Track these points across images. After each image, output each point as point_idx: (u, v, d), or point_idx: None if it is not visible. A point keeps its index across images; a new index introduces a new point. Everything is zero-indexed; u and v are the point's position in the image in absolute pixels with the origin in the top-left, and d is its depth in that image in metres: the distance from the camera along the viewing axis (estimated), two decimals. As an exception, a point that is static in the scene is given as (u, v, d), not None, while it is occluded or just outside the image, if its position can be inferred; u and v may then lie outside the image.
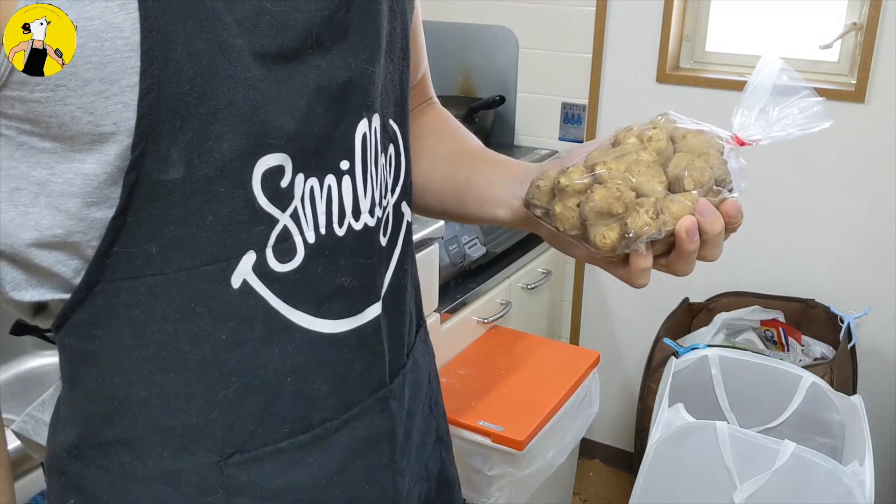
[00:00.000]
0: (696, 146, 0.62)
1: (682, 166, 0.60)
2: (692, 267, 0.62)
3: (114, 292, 0.54)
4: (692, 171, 0.60)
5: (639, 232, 0.58)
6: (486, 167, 0.75)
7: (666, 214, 0.58)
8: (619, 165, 0.60)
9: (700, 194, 0.60)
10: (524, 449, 1.59)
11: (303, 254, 0.59)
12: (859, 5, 1.91)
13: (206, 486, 0.60)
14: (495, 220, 0.73)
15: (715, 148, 0.62)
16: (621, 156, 0.60)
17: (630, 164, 0.60)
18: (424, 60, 0.84)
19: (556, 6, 2.17)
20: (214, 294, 0.55)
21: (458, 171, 0.75)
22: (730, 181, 0.63)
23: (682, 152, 0.62)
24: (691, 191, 0.59)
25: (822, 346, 1.98)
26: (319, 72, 0.57)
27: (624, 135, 0.63)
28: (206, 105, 0.51)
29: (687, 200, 0.59)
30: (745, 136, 0.64)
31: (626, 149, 0.61)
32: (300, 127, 0.56)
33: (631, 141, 0.62)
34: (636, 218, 0.58)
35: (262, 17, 0.53)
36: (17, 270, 0.55)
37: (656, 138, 0.61)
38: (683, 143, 0.62)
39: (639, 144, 0.61)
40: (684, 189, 0.60)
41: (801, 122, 0.62)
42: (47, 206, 0.52)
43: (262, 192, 0.55)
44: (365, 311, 0.64)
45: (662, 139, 0.62)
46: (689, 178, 0.60)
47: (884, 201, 1.92)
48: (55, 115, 0.49)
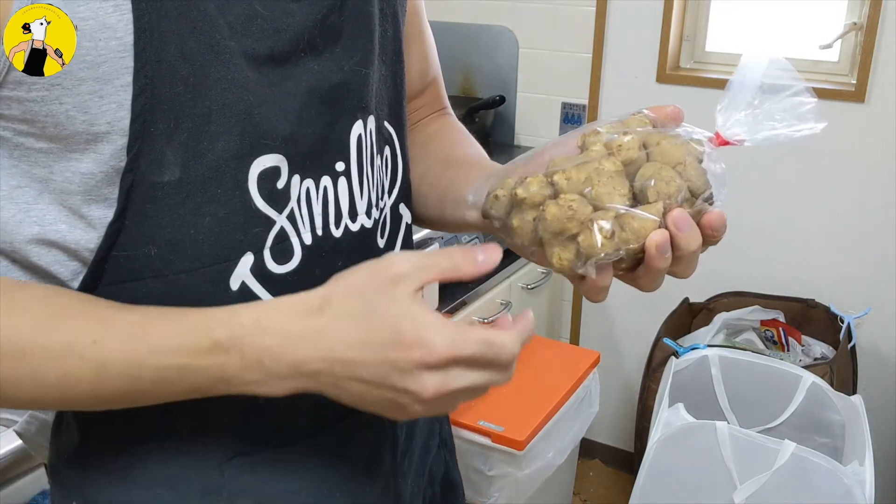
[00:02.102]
0: (670, 154, 0.55)
1: (648, 176, 0.54)
2: (660, 284, 0.56)
3: (114, 295, 0.54)
4: (658, 181, 0.54)
5: (590, 253, 0.53)
6: (469, 170, 0.71)
7: (627, 232, 0.53)
8: (579, 175, 0.54)
9: (670, 207, 0.54)
10: (524, 449, 1.59)
11: (300, 255, 0.59)
12: (859, 5, 1.91)
13: (207, 490, 0.60)
14: (466, 223, 0.70)
15: (692, 155, 0.56)
16: (583, 164, 0.55)
17: (591, 173, 0.54)
18: (435, 64, 0.82)
19: (556, 6, 2.17)
20: (213, 296, 0.55)
21: (444, 175, 0.73)
22: (709, 191, 0.56)
23: (652, 161, 0.55)
24: (656, 203, 0.53)
25: (822, 346, 1.98)
26: (312, 74, 0.57)
27: (591, 138, 0.57)
28: (200, 106, 0.52)
29: (651, 215, 0.53)
30: (728, 135, 0.58)
31: (590, 156, 0.55)
32: (294, 128, 0.56)
33: (596, 148, 0.56)
34: (588, 238, 0.52)
35: (254, 21, 0.54)
36: (17, 271, 0.55)
37: (626, 147, 0.55)
38: (657, 150, 0.56)
39: (604, 152, 0.55)
40: (649, 202, 0.54)
41: (791, 122, 0.57)
42: (52, 203, 0.53)
43: (258, 194, 0.55)
44: None
45: (633, 147, 0.55)
46: (654, 189, 0.53)
47: (884, 201, 1.92)
48: (51, 115, 0.49)
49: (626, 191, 0.54)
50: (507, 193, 0.58)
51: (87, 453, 0.60)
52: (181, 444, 0.59)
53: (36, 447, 0.67)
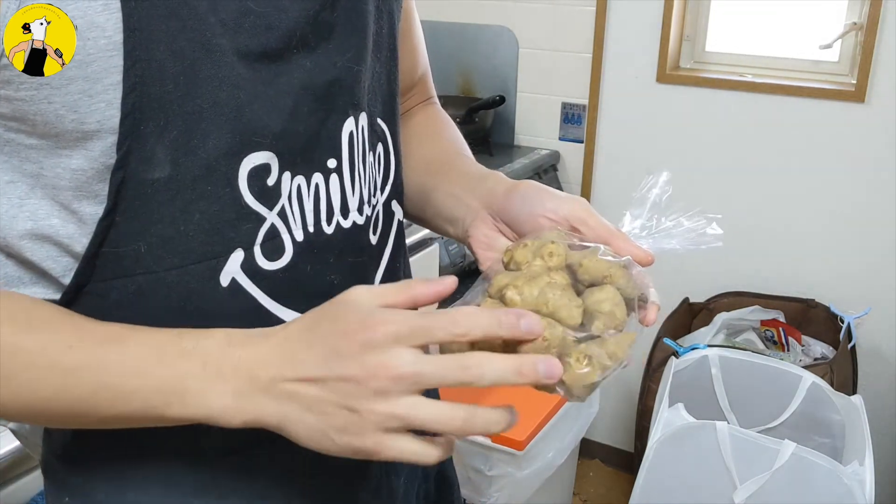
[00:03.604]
0: (595, 271, 0.57)
1: (594, 301, 0.55)
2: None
3: (104, 292, 0.54)
4: (602, 318, 0.54)
5: (579, 382, 0.51)
6: (446, 180, 0.73)
7: (606, 358, 0.52)
8: (531, 290, 0.53)
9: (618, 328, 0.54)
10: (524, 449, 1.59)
11: (291, 252, 0.59)
12: (859, 5, 1.91)
13: (199, 487, 0.60)
14: (447, 234, 0.73)
15: (617, 266, 0.57)
16: (531, 278, 0.54)
17: (543, 287, 0.54)
18: (424, 59, 0.84)
19: (556, 6, 2.17)
20: (204, 292, 0.56)
21: (427, 181, 0.75)
22: (641, 292, 0.58)
23: (587, 290, 0.56)
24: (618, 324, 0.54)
25: (822, 346, 1.98)
26: (305, 71, 0.57)
27: (519, 251, 0.58)
28: (191, 104, 0.52)
29: (623, 338, 0.54)
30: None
31: (532, 269, 0.56)
32: (286, 125, 0.56)
33: (537, 263, 0.56)
34: (569, 370, 0.50)
35: (246, 18, 0.54)
36: (9, 266, 0.55)
37: (557, 253, 0.56)
38: (582, 272, 0.57)
39: (545, 265, 0.56)
40: (596, 325, 0.54)
41: (692, 238, 0.60)
42: (44, 198, 0.53)
43: (248, 191, 0.55)
44: None
45: (562, 253, 0.56)
46: (602, 325, 0.54)
47: (884, 201, 1.92)
48: (40, 114, 0.49)
49: (580, 303, 0.54)
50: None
51: (79, 450, 0.60)
52: (173, 442, 0.59)
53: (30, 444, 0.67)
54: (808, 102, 1.95)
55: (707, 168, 2.07)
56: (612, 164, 2.22)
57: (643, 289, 0.58)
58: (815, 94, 1.94)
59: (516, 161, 2.15)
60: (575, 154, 2.26)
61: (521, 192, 0.65)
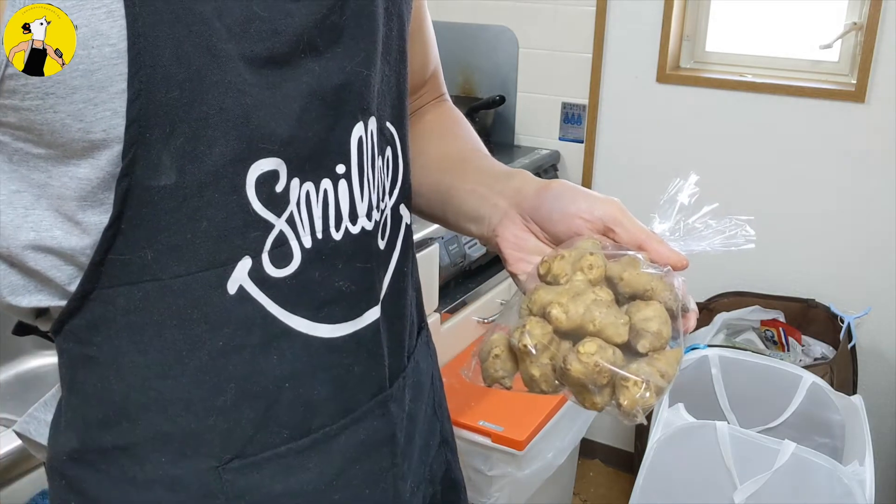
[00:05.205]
0: (636, 284, 0.56)
1: (640, 326, 0.54)
2: None
3: (111, 299, 0.54)
4: (649, 337, 0.54)
5: (638, 406, 0.52)
6: (466, 178, 0.72)
7: (659, 378, 0.52)
8: (576, 307, 0.52)
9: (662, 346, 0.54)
10: (524, 449, 1.59)
11: (299, 259, 0.58)
12: (859, 5, 1.91)
13: (205, 492, 0.60)
14: (469, 233, 0.71)
15: (658, 279, 0.56)
16: (575, 295, 0.53)
17: (589, 304, 0.53)
18: (435, 56, 0.82)
19: (556, 6, 2.17)
20: (210, 300, 0.55)
21: (444, 178, 0.73)
22: (685, 297, 0.58)
23: (631, 304, 0.55)
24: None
25: (822, 346, 1.98)
26: (313, 76, 0.56)
27: (557, 263, 0.57)
28: (197, 110, 0.51)
29: (672, 355, 0.53)
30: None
31: (574, 285, 0.54)
32: (294, 131, 0.55)
33: (579, 277, 0.55)
34: (626, 395, 0.51)
35: (252, 23, 0.53)
36: (14, 275, 0.55)
37: (597, 265, 0.55)
38: (623, 285, 0.56)
39: (586, 279, 0.55)
40: (643, 341, 0.54)
41: (723, 240, 0.60)
42: (48, 208, 0.52)
43: (256, 198, 0.55)
44: (364, 315, 0.64)
45: (602, 265, 0.56)
46: (648, 344, 0.54)
47: (884, 201, 1.92)
48: (46, 123, 0.49)
49: (626, 319, 0.53)
50: (505, 349, 0.56)
51: (85, 453, 0.60)
52: (179, 446, 0.59)
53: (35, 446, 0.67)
54: (808, 102, 1.95)
55: (707, 168, 2.07)
56: (612, 164, 2.22)
57: (683, 299, 0.58)
58: (815, 94, 1.94)
59: (516, 161, 2.15)
60: (575, 154, 2.26)
61: (553, 191, 0.64)
